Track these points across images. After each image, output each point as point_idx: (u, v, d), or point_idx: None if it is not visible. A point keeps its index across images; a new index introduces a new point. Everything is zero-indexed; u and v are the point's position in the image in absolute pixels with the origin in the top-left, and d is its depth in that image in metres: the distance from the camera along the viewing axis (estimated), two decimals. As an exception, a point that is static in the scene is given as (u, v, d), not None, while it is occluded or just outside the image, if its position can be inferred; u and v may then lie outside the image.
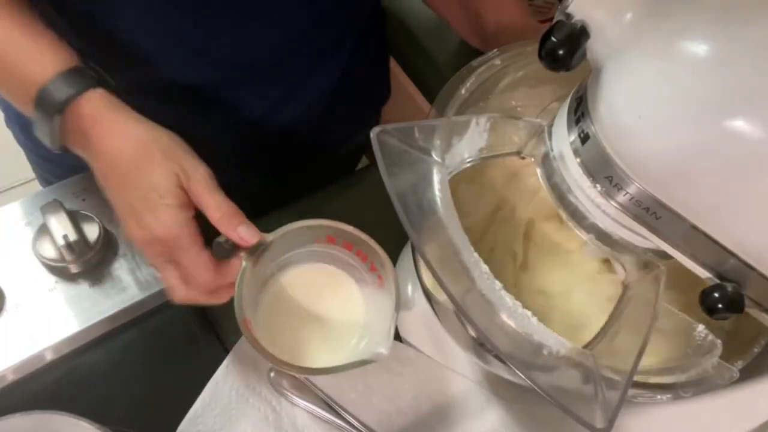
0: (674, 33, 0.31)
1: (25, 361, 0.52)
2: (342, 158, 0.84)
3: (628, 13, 0.32)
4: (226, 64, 0.60)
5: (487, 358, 0.49)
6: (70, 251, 0.53)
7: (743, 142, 0.29)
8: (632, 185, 0.33)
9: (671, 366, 0.43)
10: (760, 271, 0.33)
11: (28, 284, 0.54)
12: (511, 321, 0.36)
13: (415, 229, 0.34)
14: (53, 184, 0.60)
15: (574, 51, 0.33)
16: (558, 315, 0.49)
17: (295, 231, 0.48)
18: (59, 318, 0.53)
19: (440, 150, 0.39)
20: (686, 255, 0.35)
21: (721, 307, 0.34)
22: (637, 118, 0.31)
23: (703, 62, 0.29)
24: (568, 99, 0.37)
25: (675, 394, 0.41)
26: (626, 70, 0.32)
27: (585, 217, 0.37)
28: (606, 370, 0.35)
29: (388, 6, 0.76)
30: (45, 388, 0.53)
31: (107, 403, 0.52)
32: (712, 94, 0.29)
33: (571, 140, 0.35)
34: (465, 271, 0.36)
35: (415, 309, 0.55)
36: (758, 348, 0.44)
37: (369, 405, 0.53)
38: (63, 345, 0.53)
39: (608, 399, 0.34)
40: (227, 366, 0.53)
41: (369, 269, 0.49)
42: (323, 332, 0.50)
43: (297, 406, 0.52)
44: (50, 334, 0.52)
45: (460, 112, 0.48)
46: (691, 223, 0.33)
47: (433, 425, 0.53)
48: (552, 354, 0.35)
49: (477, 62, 0.50)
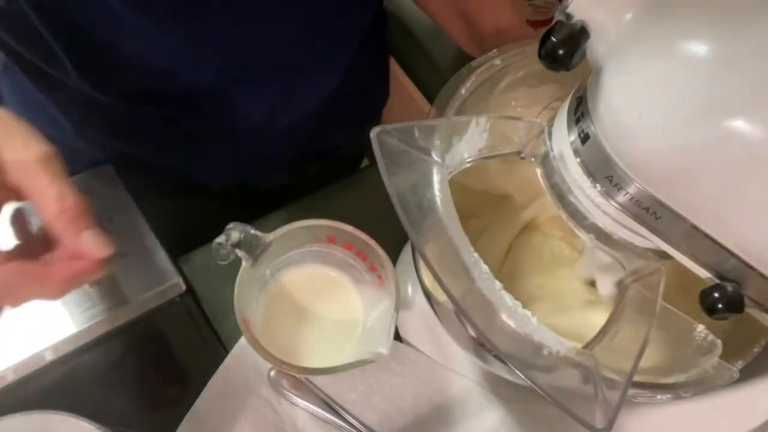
0: (674, 33, 0.31)
1: (25, 361, 0.52)
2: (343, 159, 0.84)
3: (628, 13, 0.32)
4: (227, 67, 0.60)
5: (487, 358, 0.49)
6: (70, 251, 0.53)
7: (743, 142, 0.29)
8: (632, 185, 0.33)
9: (671, 366, 0.43)
10: (760, 271, 0.33)
11: (28, 284, 0.54)
12: (511, 321, 0.36)
13: (415, 229, 0.34)
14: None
15: (574, 51, 0.33)
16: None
17: (295, 231, 0.48)
18: (59, 318, 0.53)
19: (440, 150, 0.39)
20: (686, 255, 0.35)
21: (721, 307, 0.34)
22: (637, 118, 0.31)
23: (703, 62, 0.29)
24: (568, 99, 0.37)
25: (675, 394, 0.41)
26: (626, 70, 0.32)
27: (585, 217, 0.37)
28: (606, 370, 0.35)
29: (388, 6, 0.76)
30: (45, 388, 0.53)
31: (107, 403, 0.52)
32: (713, 94, 0.29)
33: (571, 140, 0.35)
34: (465, 271, 0.36)
35: (415, 309, 0.55)
36: (758, 348, 0.44)
37: (369, 405, 0.53)
38: (63, 345, 0.53)
39: (608, 399, 0.34)
40: (227, 366, 0.53)
41: (369, 269, 0.49)
42: (323, 332, 0.50)
43: (297, 406, 0.52)
44: (50, 334, 0.52)
45: (461, 112, 0.48)
46: (691, 223, 0.33)
47: (433, 425, 0.53)
48: (552, 354, 0.35)
49: (477, 62, 0.50)
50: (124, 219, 0.58)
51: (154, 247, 0.57)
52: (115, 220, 0.57)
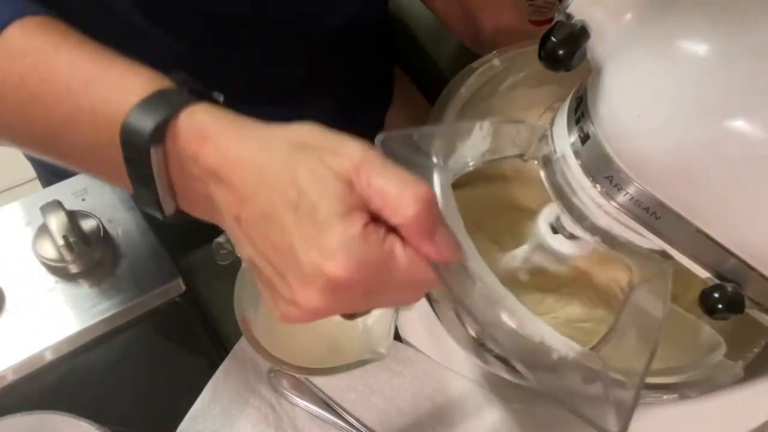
0: (674, 33, 0.31)
1: (25, 361, 0.52)
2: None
3: (628, 13, 0.32)
4: (245, 86, 0.60)
5: (487, 358, 0.49)
6: (70, 251, 0.53)
7: (743, 143, 0.29)
8: (632, 185, 0.33)
9: (677, 365, 0.43)
10: (760, 271, 0.33)
11: (28, 284, 0.54)
12: (514, 323, 0.35)
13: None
14: (53, 184, 0.60)
15: (574, 51, 0.33)
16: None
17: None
18: (59, 318, 0.53)
19: (443, 154, 0.39)
20: (686, 255, 0.35)
21: (721, 307, 0.34)
22: (636, 118, 0.31)
23: (703, 62, 0.29)
24: (568, 99, 0.37)
25: (681, 393, 0.41)
26: (626, 70, 0.32)
27: (587, 217, 0.37)
28: (614, 371, 0.35)
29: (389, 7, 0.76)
30: (45, 388, 0.53)
31: (107, 403, 0.52)
32: (712, 94, 0.29)
33: (572, 140, 0.35)
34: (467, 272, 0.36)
35: (415, 309, 0.55)
36: (758, 348, 0.44)
37: (369, 405, 0.53)
38: (63, 345, 0.53)
39: (620, 401, 0.33)
40: (227, 366, 0.53)
41: (369, 269, 0.49)
42: (323, 332, 0.50)
43: (296, 406, 0.52)
44: (50, 334, 0.52)
45: (462, 113, 0.48)
46: (691, 223, 0.33)
47: (433, 425, 0.53)
48: (560, 356, 0.35)
49: (477, 63, 0.50)
50: (124, 219, 0.58)
51: (154, 247, 0.57)
52: (115, 220, 0.57)
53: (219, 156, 0.31)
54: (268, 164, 0.30)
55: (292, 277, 0.29)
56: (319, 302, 0.29)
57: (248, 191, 0.30)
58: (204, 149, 0.31)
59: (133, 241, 0.57)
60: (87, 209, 0.57)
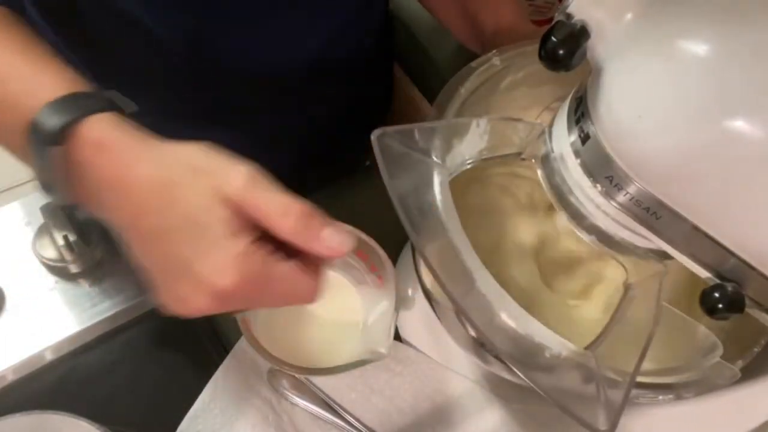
0: (674, 33, 0.31)
1: (25, 361, 0.52)
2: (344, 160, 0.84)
3: (628, 13, 0.32)
4: (244, 82, 0.60)
5: (487, 358, 0.49)
6: (70, 251, 0.53)
7: (743, 143, 0.29)
8: (632, 185, 0.33)
9: (673, 366, 0.43)
10: (760, 270, 0.33)
11: (28, 284, 0.54)
12: (512, 322, 0.36)
13: (416, 231, 0.34)
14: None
15: (574, 51, 0.33)
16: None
17: (295, 231, 0.48)
18: (59, 318, 0.53)
19: (441, 152, 0.39)
20: (686, 255, 0.35)
21: (721, 307, 0.34)
22: (637, 118, 0.31)
23: (703, 62, 0.29)
24: (568, 99, 0.37)
25: (677, 394, 0.41)
26: (626, 71, 0.32)
27: (585, 217, 0.37)
28: (608, 371, 0.35)
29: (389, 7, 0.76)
30: (45, 388, 0.53)
31: (107, 403, 0.52)
32: (712, 94, 0.29)
33: (572, 140, 0.35)
34: (465, 271, 0.36)
35: (415, 309, 0.55)
36: (758, 348, 0.44)
37: (369, 405, 0.53)
38: (63, 345, 0.53)
39: (611, 400, 0.33)
40: (227, 366, 0.53)
41: (369, 269, 0.49)
42: (323, 332, 0.50)
43: (296, 406, 0.52)
44: (50, 334, 0.53)
45: (461, 112, 0.48)
46: (691, 222, 0.33)
47: (433, 425, 0.53)
48: (553, 355, 0.35)
49: (476, 63, 0.50)
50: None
51: (154, 247, 0.57)
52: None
53: (113, 167, 0.34)
54: (165, 183, 0.33)
55: (185, 283, 0.33)
56: (208, 305, 0.33)
57: (145, 206, 0.34)
58: (99, 159, 0.35)
59: (133, 241, 0.57)
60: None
